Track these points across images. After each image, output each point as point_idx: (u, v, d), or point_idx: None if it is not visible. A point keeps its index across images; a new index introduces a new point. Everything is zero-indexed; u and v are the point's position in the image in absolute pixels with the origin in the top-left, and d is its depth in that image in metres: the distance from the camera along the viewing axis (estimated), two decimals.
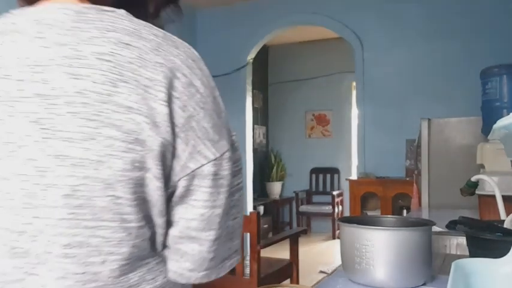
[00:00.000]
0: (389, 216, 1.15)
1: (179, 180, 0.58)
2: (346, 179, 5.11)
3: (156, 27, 0.61)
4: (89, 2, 0.60)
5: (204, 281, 0.63)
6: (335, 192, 6.22)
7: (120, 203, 0.54)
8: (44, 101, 0.54)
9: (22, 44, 0.57)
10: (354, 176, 5.33)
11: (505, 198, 1.33)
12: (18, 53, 0.56)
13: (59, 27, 0.57)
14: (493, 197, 1.34)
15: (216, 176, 0.59)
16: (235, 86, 5.04)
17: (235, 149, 0.62)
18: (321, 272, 4.35)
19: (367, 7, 4.64)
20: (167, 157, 0.56)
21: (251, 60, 5.24)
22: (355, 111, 5.45)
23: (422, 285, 0.97)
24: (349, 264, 1.00)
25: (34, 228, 0.54)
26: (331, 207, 6.13)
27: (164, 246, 0.61)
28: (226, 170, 0.60)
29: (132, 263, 0.56)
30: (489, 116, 2.01)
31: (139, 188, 0.55)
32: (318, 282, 1.04)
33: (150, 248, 0.59)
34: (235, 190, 0.62)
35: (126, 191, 0.54)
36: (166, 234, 0.60)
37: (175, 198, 0.59)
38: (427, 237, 0.98)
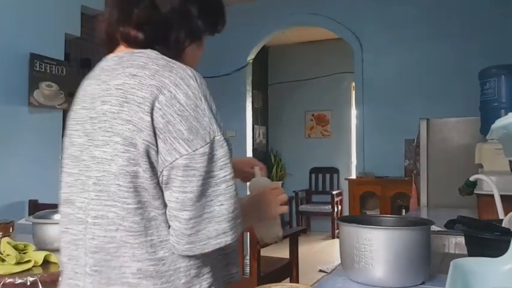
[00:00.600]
0: (388, 215, 1.16)
1: (162, 170, 0.78)
2: (346, 179, 5.11)
3: (165, 60, 0.82)
4: (137, 46, 0.86)
5: (189, 253, 0.80)
6: (334, 192, 6.22)
7: (122, 189, 0.78)
8: (91, 120, 0.83)
9: (91, 84, 0.88)
10: (353, 176, 5.34)
11: (503, 197, 1.34)
12: (89, 91, 0.87)
13: (107, 70, 0.86)
14: (492, 196, 1.35)
15: (187, 167, 0.76)
16: (235, 87, 5.05)
17: (218, 147, 0.79)
18: (321, 271, 4.36)
19: (367, 8, 4.64)
20: (152, 154, 0.77)
21: (251, 61, 5.25)
22: (354, 112, 5.45)
23: (421, 284, 0.98)
24: (348, 263, 1.00)
25: (80, 205, 0.84)
26: (330, 206, 6.13)
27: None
28: (199, 163, 0.77)
29: (137, 233, 0.79)
30: (487, 116, 2.02)
31: (134, 179, 0.78)
32: (317, 281, 1.04)
33: (156, 223, 0.80)
34: (220, 181, 0.79)
35: (125, 180, 0.78)
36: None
37: (162, 185, 0.79)
38: (426, 236, 0.98)
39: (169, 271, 0.81)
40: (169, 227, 0.80)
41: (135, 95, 0.78)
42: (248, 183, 1.13)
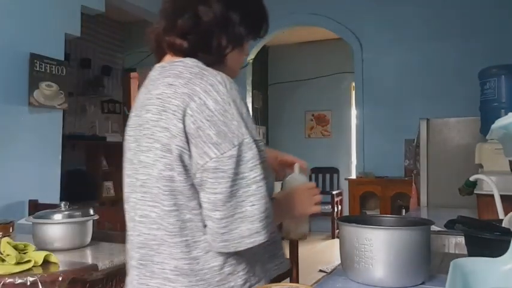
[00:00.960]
0: (388, 215, 1.16)
1: (195, 173, 0.84)
2: (346, 179, 5.11)
3: (199, 67, 0.88)
4: (182, 55, 0.92)
5: (225, 251, 0.85)
6: (334, 192, 6.22)
7: (161, 192, 0.86)
8: (139, 127, 0.91)
9: (141, 93, 0.96)
10: (353, 176, 5.34)
11: (503, 197, 1.34)
12: (139, 99, 0.95)
13: (151, 79, 0.94)
14: (492, 196, 1.35)
15: (216, 169, 0.81)
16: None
17: (247, 149, 0.83)
18: (321, 271, 4.36)
19: (367, 8, 4.64)
20: (185, 158, 0.84)
21: (251, 61, 5.25)
22: (354, 111, 5.45)
23: (421, 284, 0.98)
24: (348, 263, 1.00)
25: (131, 204, 0.92)
26: (330, 206, 6.13)
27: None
28: (227, 165, 0.81)
29: (172, 233, 0.86)
30: (487, 116, 2.02)
31: (170, 183, 0.85)
32: (317, 281, 1.05)
33: (191, 225, 0.86)
34: (251, 182, 0.82)
35: (163, 184, 0.85)
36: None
37: (197, 187, 0.85)
38: (426, 236, 0.98)
39: (204, 270, 0.86)
40: (205, 226, 0.86)
41: (170, 103, 0.85)
42: (285, 179, 1.14)
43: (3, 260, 1.47)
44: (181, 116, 0.83)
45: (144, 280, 0.90)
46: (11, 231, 1.94)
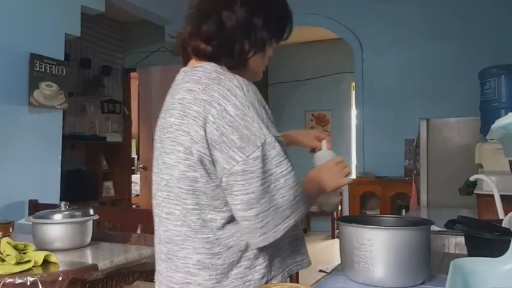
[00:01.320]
0: (388, 215, 1.16)
1: (221, 177, 0.88)
2: None
3: (217, 72, 0.92)
4: (206, 59, 0.96)
5: (265, 243, 0.90)
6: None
7: (182, 191, 0.92)
8: (164, 129, 0.97)
9: (167, 96, 1.01)
10: (353, 176, 5.34)
11: (503, 197, 1.34)
12: (166, 102, 1.00)
13: (175, 84, 0.99)
14: (492, 196, 1.35)
15: (245, 171, 0.86)
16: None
17: (270, 148, 0.87)
18: (321, 271, 4.36)
19: (367, 8, 4.64)
20: (205, 162, 0.89)
21: None
22: (354, 111, 5.45)
23: (421, 284, 0.98)
24: (348, 263, 1.00)
25: (157, 202, 0.98)
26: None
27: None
28: (254, 166, 0.86)
29: (195, 230, 0.92)
30: (487, 116, 2.02)
31: (193, 183, 0.91)
32: (317, 281, 1.05)
33: (213, 225, 0.92)
34: (279, 177, 0.87)
35: (185, 184, 0.91)
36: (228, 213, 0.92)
37: (224, 191, 0.89)
38: (426, 236, 0.98)
39: (224, 264, 0.92)
40: (226, 224, 0.92)
41: (191, 109, 0.90)
42: (314, 155, 1.23)
43: (3, 260, 1.47)
44: (202, 123, 0.87)
45: (170, 273, 0.97)
46: (11, 231, 1.94)
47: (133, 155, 7.21)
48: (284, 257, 1.01)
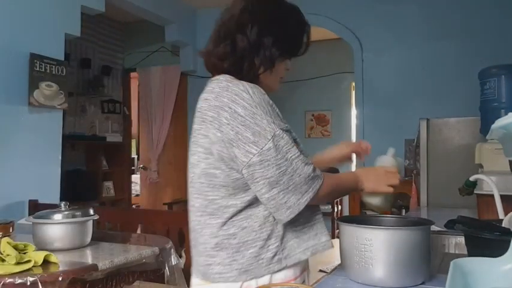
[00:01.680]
0: (388, 215, 1.16)
1: (241, 170, 1.02)
2: None
3: (227, 81, 1.07)
4: (222, 74, 1.12)
5: (292, 216, 1.03)
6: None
7: (203, 186, 1.08)
8: (190, 136, 1.13)
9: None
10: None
11: (503, 197, 1.34)
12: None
13: (201, 96, 1.13)
14: (492, 196, 1.35)
15: (262, 161, 1.00)
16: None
17: (279, 139, 1.01)
18: (321, 271, 4.36)
19: (367, 8, 4.64)
20: (225, 159, 1.04)
21: None
22: (354, 111, 5.45)
23: (421, 284, 0.98)
24: (348, 263, 1.00)
25: (188, 195, 1.15)
26: (330, 206, 6.13)
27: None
28: (268, 155, 1.00)
29: (215, 216, 1.07)
30: (487, 116, 2.02)
31: (213, 178, 1.06)
32: (317, 281, 1.05)
33: (229, 210, 1.07)
34: (291, 160, 1.01)
35: (206, 179, 1.08)
36: (252, 200, 1.07)
37: (247, 181, 1.03)
38: (426, 236, 0.98)
39: (239, 243, 1.06)
40: (245, 207, 1.06)
41: (207, 115, 1.06)
42: (377, 158, 1.41)
43: (3, 260, 1.47)
44: (218, 126, 1.03)
45: (196, 258, 1.13)
46: (11, 231, 1.94)
47: (134, 155, 7.21)
48: (305, 239, 1.13)
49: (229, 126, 1.02)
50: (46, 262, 1.54)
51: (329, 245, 1.18)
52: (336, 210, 6.13)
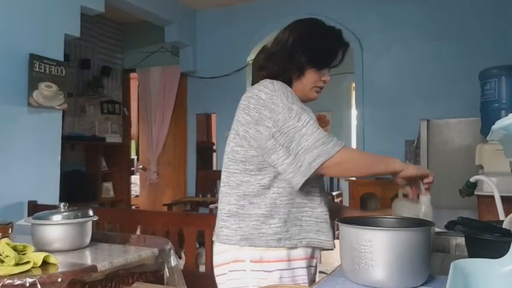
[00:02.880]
0: (388, 216, 1.15)
1: (266, 143, 1.19)
2: (346, 180, 5.11)
3: (260, 83, 1.27)
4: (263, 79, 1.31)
5: (304, 179, 1.15)
6: (334, 193, 6.21)
7: (229, 161, 1.29)
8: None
9: None
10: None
11: (504, 198, 1.34)
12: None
13: None
14: (492, 197, 1.35)
15: (275, 132, 1.17)
16: (235, 87, 5.03)
17: (289, 111, 1.18)
18: (321, 272, 4.35)
19: (366, 8, 4.64)
20: (247, 138, 1.23)
21: (251, 61, 5.25)
22: (354, 112, 5.45)
23: (421, 285, 0.98)
24: (348, 264, 1.00)
25: (222, 166, 1.33)
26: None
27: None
28: (279, 126, 1.17)
29: (233, 187, 1.27)
30: (488, 117, 2.02)
31: (236, 154, 1.26)
32: (317, 282, 1.04)
33: (245, 185, 1.25)
34: (300, 127, 1.15)
35: (231, 155, 1.28)
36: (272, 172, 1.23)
37: (270, 152, 1.19)
38: (426, 237, 0.98)
39: (245, 214, 1.24)
40: (258, 188, 1.23)
41: (241, 104, 1.27)
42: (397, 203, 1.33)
43: (2, 261, 1.47)
44: (247, 111, 1.23)
45: (216, 222, 1.31)
46: (10, 232, 1.93)
47: (133, 155, 7.21)
48: (307, 230, 1.25)
49: (255, 110, 1.21)
50: (45, 263, 1.53)
51: (328, 245, 1.28)
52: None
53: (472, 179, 1.50)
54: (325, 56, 1.34)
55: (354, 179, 4.85)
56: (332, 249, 1.29)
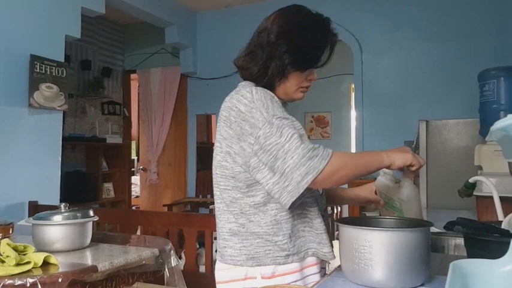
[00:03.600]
0: (387, 217, 1.16)
1: (249, 160, 1.10)
2: None
3: (240, 85, 1.23)
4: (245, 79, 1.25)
5: (293, 199, 1.04)
6: (334, 205, 6.21)
7: (217, 176, 1.20)
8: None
9: None
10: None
11: (503, 199, 1.34)
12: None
13: None
14: (491, 198, 1.35)
15: (258, 149, 1.07)
16: (235, 88, 5.04)
17: (270, 126, 1.07)
18: None
19: (366, 10, 4.65)
20: (231, 154, 1.14)
21: None
22: (353, 113, 5.45)
23: (420, 285, 0.98)
24: (348, 264, 1.00)
25: (213, 180, 1.23)
26: (330, 208, 6.13)
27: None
28: (261, 143, 1.06)
29: (227, 205, 1.19)
30: (487, 117, 2.02)
31: (224, 170, 1.17)
32: (317, 283, 1.05)
33: (240, 202, 1.17)
34: (283, 143, 1.04)
35: (219, 171, 1.19)
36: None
37: (255, 170, 1.09)
38: (426, 238, 0.98)
39: (247, 233, 1.16)
40: (250, 207, 1.15)
41: (222, 115, 1.17)
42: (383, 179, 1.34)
43: (3, 262, 1.47)
44: (229, 124, 1.13)
45: (217, 240, 1.24)
46: (10, 232, 1.94)
47: (133, 156, 7.22)
48: (311, 241, 1.19)
49: (236, 123, 1.11)
50: (46, 263, 1.53)
51: (330, 257, 1.20)
52: (335, 211, 6.13)
53: (471, 180, 1.51)
54: (310, 57, 1.20)
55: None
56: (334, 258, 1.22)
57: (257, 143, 1.07)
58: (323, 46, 1.20)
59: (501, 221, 1.13)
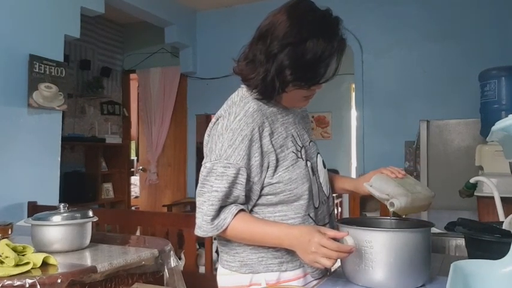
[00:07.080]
0: (388, 217, 1.15)
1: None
2: None
3: (238, 96, 1.20)
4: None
5: (201, 235, 1.11)
6: (334, 194, 6.21)
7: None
8: None
9: None
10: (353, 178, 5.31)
11: (504, 199, 1.34)
12: None
13: None
14: (492, 198, 1.35)
15: (201, 176, 1.13)
16: (235, 88, 5.04)
17: (218, 167, 1.09)
18: None
19: (367, 10, 4.64)
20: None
21: None
22: (354, 113, 5.45)
23: (421, 286, 0.98)
24: (348, 265, 1.00)
25: None
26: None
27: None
28: (203, 172, 1.12)
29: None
30: (488, 117, 2.02)
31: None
32: (317, 283, 1.04)
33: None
34: (213, 190, 1.09)
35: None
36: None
37: None
38: (426, 238, 0.98)
39: (240, 245, 1.16)
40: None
41: (212, 122, 1.17)
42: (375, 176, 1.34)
43: (2, 262, 1.47)
44: (209, 131, 1.16)
45: (217, 245, 1.25)
46: (9, 233, 1.93)
47: (133, 156, 7.21)
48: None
49: (212, 134, 1.14)
50: (45, 264, 1.53)
51: (321, 271, 1.16)
52: (336, 212, 6.13)
53: (471, 180, 1.50)
54: (314, 74, 1.11)
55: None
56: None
57: (204, 167, 1.12)
58: (329, 59, 1.09)
59: (502, 222, 1.13)
